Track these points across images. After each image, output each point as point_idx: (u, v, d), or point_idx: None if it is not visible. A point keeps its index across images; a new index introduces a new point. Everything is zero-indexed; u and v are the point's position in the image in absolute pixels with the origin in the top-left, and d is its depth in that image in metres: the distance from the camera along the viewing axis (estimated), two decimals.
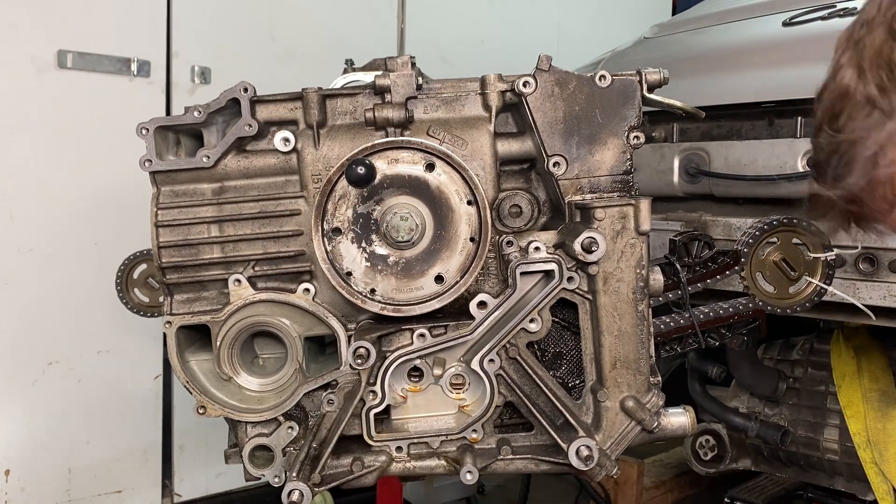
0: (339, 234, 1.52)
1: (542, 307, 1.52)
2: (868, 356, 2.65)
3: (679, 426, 1.56)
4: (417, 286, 1.54)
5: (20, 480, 3.20)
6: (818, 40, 2.55)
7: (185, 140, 1.67)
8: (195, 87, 3.48)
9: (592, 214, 1.47)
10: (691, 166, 2.77)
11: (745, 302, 1.80)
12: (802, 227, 1.78)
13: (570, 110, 1.56)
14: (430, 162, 1.52)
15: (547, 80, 1.56)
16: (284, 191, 1.61)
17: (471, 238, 1.53)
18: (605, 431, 1.54)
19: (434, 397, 1.59)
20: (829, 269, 1.78)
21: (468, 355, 1.55)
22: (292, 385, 1.64)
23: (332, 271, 1.52)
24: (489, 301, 1.53)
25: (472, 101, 1.61)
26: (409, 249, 1.53)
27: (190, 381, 1.64)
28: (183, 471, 3.62)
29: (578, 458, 1.49)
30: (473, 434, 1.57)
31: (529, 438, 1.60)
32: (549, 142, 1.56)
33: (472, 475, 1.50)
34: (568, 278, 1.51)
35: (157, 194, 1.61)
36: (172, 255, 1.59)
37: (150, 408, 3.49)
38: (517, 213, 1.64)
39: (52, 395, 3.24)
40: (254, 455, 1.64)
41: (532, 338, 1.55)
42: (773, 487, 2.98)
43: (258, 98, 1.59)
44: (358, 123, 1.60)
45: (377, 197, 1.52)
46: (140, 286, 2.13)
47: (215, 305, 1.63)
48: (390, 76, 1.57)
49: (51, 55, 3.13)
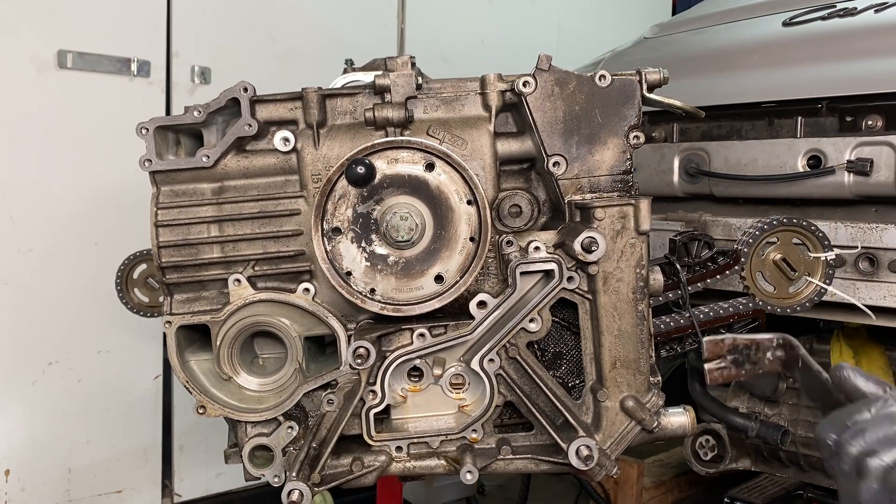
0: (338, 233, 1.52)
1: (542, 307, 1.52)
2: (868, 356, 2.64)
3: (679, 426, 1.56)
4: (417, 286, 1.54)
5: (20, 480, 3.21)
6: (818, 40, 2.57)
7: (185, 140, 1.67)
8: (195, 87, 3.49)
9: (592, 214, 1.47)
10: (691, 166, 2.76)
11: (745, 302, 1.80)
12: (802, 226, 1.77)
13: (570, 110, 1.56)
14: (430, 162, 1.52)
15: (547, 80, 1.55)
16: (284, 190, 1.61)
17: (470, 238, 1.53)
18: (604, 431, 1.54)
19: (434, 397, 1.59)
20: (829, 269, 1.78)
21: (468, 355, 1.55)
22: (292, 385, 1.63)
23: (332, 271, 1.52)
24: (489, 301, 1.52)
25: (471, 101, 1.61)
26: (408, 249, 1.53)
27: (190, 380, 1.63)
28: (183, 471, 3.62)
29: (578, 457, 1.48)
30: (473, 434, 1.57)
31: (529, 438, 1.60)
32: (549, 141, 1.56)
33: (472, 475, 1.50)
34: (568, 278, 1.51)
35: (156, 194, 1.61)
36: (172, 254, 1.59)
37: (150, 408, 3.49)
38: (517, 213, 1.63)
39: (52, 395, 3.24)
40: (254, 455, 1.64)
41: (532, 337, 1.55)
42: (773, 487, 2.96)
43: (258, 98, 1.59)
44: (358, 123, 1.60)
45: (377, 196, 1.52)
46: (140, 286, 2.13)
47: (215, 305, 1.63)
48: (390, 76, 1.57)
49: (51, 55, 3.14)
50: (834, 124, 2.47)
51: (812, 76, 2.51)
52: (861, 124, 2.39)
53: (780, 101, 2.58)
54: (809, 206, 2.51)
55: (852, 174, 2.31)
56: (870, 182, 2.29)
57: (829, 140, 2.40)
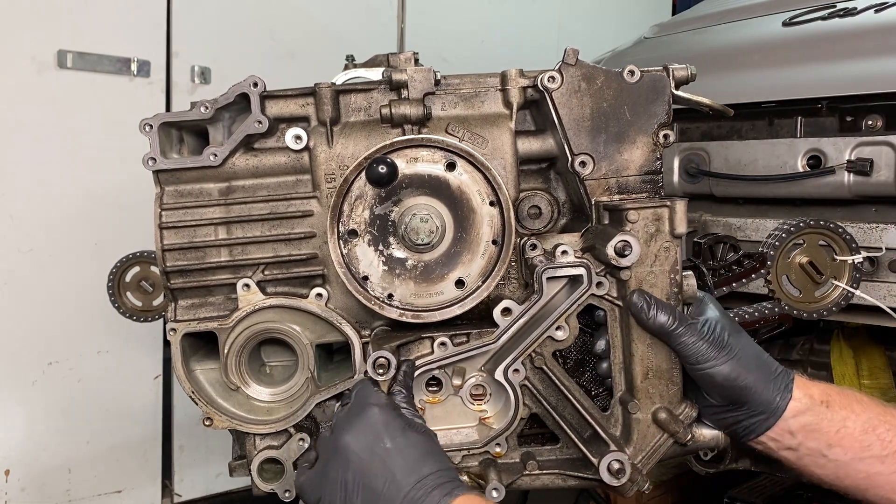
0: (355, 236, 1.36)
1: (569, 314, 1.37)
2: (868, 356, 2.55)
3: (712, 438, 1.41)
4: (437, 291, 1.38)
5: (20, 480, 3.12)
6: (818, 40, 2.51)
7: (189, 138, 1.52)
8: (195, 87, 3.39)
9: (625, 216, 1.32)
10: (691, 166, 2.68)
11: (769, 306, 1.65)
12: (830, 228, 1.63)
13: (598, 107, 1.41)
14: (451, 161, 1.36)
15: (573, 76, 1.40)
16: (296, 191, 1.46)
17: (493, 241, 1.37)
18: (635, 444, 1.38)
19: (453, 409, 1.43)
20: (856, 273, 1.64)
21: (490, 364, 1.39)
22: (303, 395, 1.48)
23: (349, 275, 1.36)
24: (514, 308, 1.37)
25: (491, 98, 1.46)
26: (428, 252, 1.37)
27: (195, 391, 1.47)
28: (183, 471, 3.54)
29: (610, 472, 1.33)
30: (497, 448, 1.41)
31: (556, 452, 1.44)
32: (576, 140, 1.40)
33: (499, 493, 1.34)
34: (597, 283, 1.35)
35: (160, 194, 1.45)
36: (177, 258, 1.43)
37: (150, 408, 3.40)
38: (536, 215, 1.49)
39: (52, 395, 3.16)
40: (263, 468, 1.48)
41: (559, 346, 1.39)
42: (773, 487, 2.87)
43: (268, 93, 1.43)
44: (373, 120, 1.45)
45: (395, 197, 1.36)
46: (133, 290, 1.96)
47: (222, 311, 1.47)
48: (408, 71, 1.41)
49: (51, 55, 3.04)
50: (834, 124, 2.41)
51: (812, 76, 2.44)
52: (861, 124, 2.33)
53: (780, 101, 2.51)
54: (809, 206, 2.44)
55: (852, 174, 2.25)
56: (870, 182, 2.22)
57: (829, 140, 2.33)
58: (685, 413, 1.38)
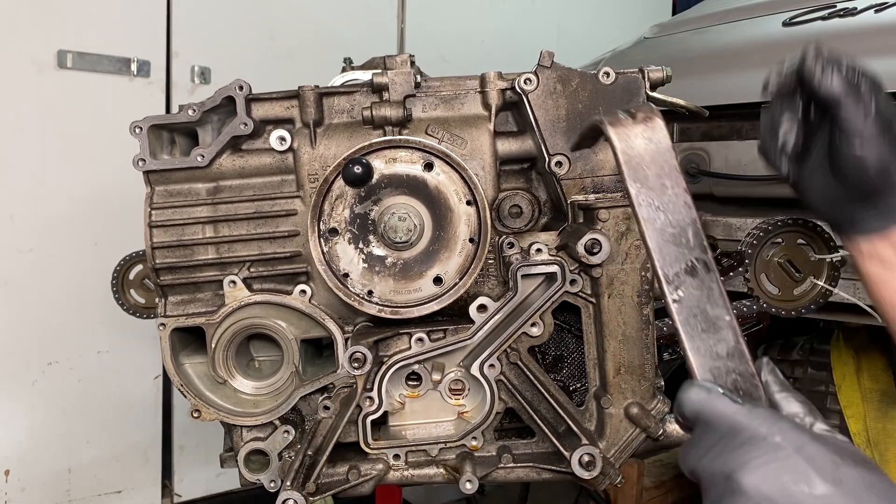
0: (335, 234, 1.45)
1: (544, 311, 1.45)
2: (868, 356, 2.59)
3: (684, 433, 1.48)
4: (416, 288, 1.47)
5: (20, 480, 3.15)
6: (818, 40, 2.52)
7: (180, 139, 1.60)
8: (195, 87, 3.42)
9: (596, 215, 1.40)
10: (691, 166, 2.71)
11: (748, 304, 1.72)
12: (808, 227, 1.70)
13: (573, 108, 1.49)
14: (429, 161, 1.45)
15: (549, 77, 1.48)
16: (280, 190, 1.54)
17: (470, 239, 1.46)
18: (608, 439, 1.46)
19: (433, 403, 1.52)
20: (834, 271, 1.71)
21: (468, 360, 1.48)
22: (288, 388, 1.56)
23: (329, 273, 1.45)
24: (489, 304, 1.45)
25: (471, 100, 1.54)
26: (407, 250, 1.46)
27: (184, 384, 1.56)
28: (183, 471, 3.57)
29: (581, 466, 1.41)
30: (473, 441, 1.50)
31: (531, 446, 1.53)
32: (552, 140, 1.49)
33: (472, 484, 1.43)
34: (571, 281, 1.43)
35: (150, 194, 1.54)
36: (166, 256, 1.52)
37: (150, 408, 3.43)
38: (517, 214, 1.57)
39: (52, 395, 3.19)
40: (249, 459, 1.57)
41: (534, 342, 1.47)
42: None
43: (254, 96, 1.52)
44: (355, 122, 1.53)
45: (375, 197, 1.45)
46: (136, 287, 2.06)
47: (210, 307, 1.56)
48: (388, 74, 1.50)
49: (51, 55, 3.08)
50: None
51: None
52: None
53: None
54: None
55: None
56: None
57: None
58: (657, 408, 1.45)
